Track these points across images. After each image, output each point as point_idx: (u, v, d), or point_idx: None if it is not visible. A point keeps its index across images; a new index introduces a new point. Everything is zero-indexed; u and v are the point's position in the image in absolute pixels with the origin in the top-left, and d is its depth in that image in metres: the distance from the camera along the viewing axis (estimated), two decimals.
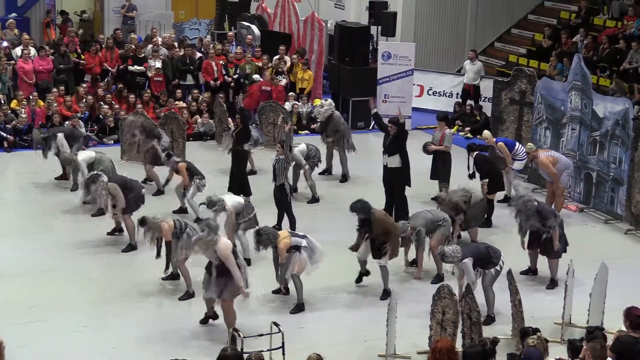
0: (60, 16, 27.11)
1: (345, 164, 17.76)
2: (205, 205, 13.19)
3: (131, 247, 13.61)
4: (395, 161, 15.00)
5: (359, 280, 12.81)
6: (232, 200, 13.21)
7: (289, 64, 22.50)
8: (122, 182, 13.75)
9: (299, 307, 11.91)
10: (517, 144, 16.34)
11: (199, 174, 15.04)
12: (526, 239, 12.92)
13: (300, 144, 16.41)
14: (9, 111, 19.68)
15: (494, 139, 16.39)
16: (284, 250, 11.68)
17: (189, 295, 12.11)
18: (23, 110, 19.62)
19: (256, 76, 21.70)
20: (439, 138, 16.08)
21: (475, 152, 15.49)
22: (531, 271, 13.10)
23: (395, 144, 15.02)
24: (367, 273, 12.72)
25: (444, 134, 16.00)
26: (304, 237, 11.95)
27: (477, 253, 11.58)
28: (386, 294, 12.27)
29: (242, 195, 13.98)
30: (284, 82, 22.09)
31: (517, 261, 12.52)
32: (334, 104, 18.29)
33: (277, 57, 22.46)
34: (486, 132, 16.70)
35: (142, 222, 12.13)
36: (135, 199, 13.75)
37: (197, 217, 14.24)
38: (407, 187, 15.05)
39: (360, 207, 12.35)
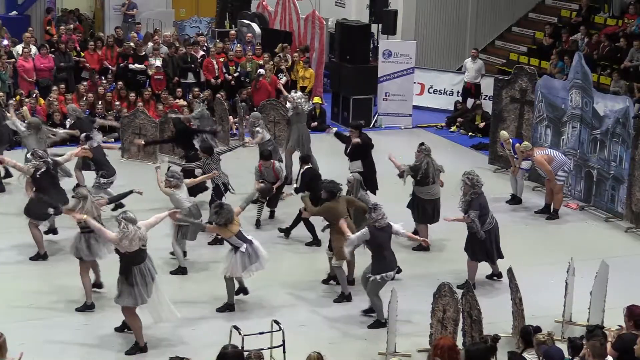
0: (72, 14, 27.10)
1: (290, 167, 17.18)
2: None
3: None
4: (355, 166, 14.99)
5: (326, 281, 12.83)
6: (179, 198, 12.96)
7: (290, 62, 22.51)
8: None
9: (227, 307, 11.82)
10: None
11: (105, 169, 14.91)
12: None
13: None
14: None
15: (511, 140, 16.38)
16: (225, 232, 11.62)
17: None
18: (25, 108, 19.60)
19: (262, 70, 21.71)
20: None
21: (306, 167, 14.54)
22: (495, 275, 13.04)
23: (357, 150, 14.93)
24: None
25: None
26: (249, 242, 11.67)
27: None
28: (342, 297, 12.20)
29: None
30: (284, 80, 22.09)
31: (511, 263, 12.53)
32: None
33: (279, 53, 22.45)
34: (504, 133, 16.67)
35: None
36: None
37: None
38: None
39: (328, 186, 12.38)
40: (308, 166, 14.63)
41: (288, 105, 17.65)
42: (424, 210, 14.05)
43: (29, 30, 23.11)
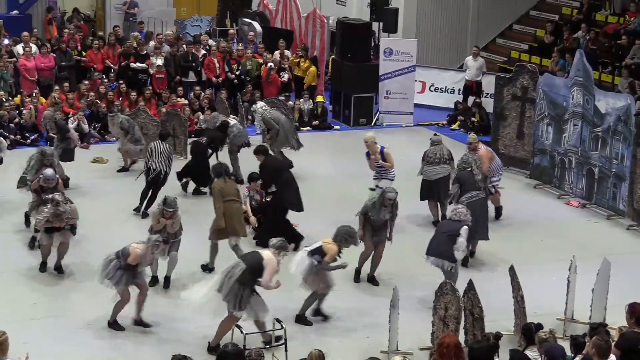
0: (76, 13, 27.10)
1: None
2: None
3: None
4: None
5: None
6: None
7: (290, 59, 22.49)
8: None
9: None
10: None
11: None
12: None
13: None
14: (15, 110, 19.68)
15: (378, 146, 15.06)
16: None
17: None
18: (31, 107, 19.62)
19: (271, 64, 21.70)
20: None
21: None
22: None
23: (263, 173, 14.60)
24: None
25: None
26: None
27: None
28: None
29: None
30: (286, 77, 22.11)
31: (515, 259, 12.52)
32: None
33: (277, 52, 22.47)
34: (370, 135, 15.30)
35: None
36: None
37: None
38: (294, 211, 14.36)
39: (215, 167, 13.40)
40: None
41: (257, 118, 17.76)
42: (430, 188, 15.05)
43: (34, 31, 23.13)
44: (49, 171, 13.35)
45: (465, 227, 11.94)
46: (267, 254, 10.72)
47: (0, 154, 15.30)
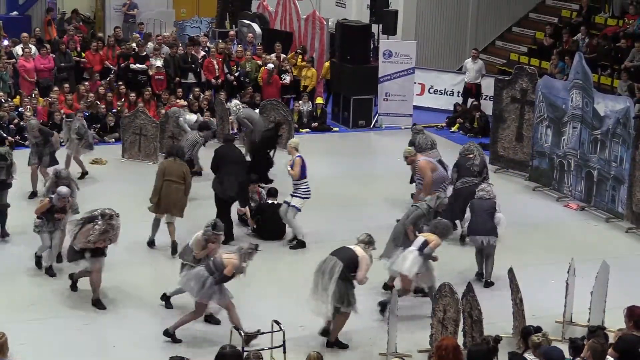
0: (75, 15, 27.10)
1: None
2: None
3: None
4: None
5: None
6: None
7: (277, 61, 22.42)
8: None
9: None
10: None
11: None
12: None
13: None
14: (14, 111, 19.67)
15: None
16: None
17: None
18: (29, 107, 19.61)
19: (271, 65, 21.71)
20: None
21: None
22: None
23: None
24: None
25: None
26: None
27: None
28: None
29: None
30: (288, 79, 22.11)
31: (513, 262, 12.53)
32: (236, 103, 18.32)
33: (273, 54, 22.47)
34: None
35: None
36: None
37: None
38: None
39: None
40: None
41: (232, 117, 17.92)
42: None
43: (35, 32, 23.13)
44: (63, 189, 12.73)
45: (497, 202, 13.01)
46: (358, 250, 10.94)
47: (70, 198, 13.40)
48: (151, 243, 13.87)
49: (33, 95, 20.20)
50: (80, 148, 17.15)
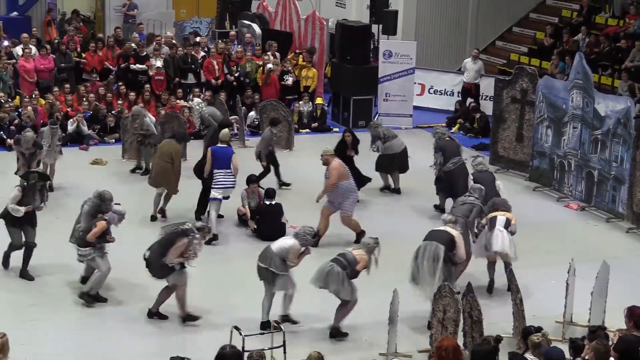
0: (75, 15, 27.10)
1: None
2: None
3: None
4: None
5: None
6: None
7: (278, 61, 22.39)
8: None
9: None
10: None
11: None
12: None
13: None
14: (14, 111, 19.66)
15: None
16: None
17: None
18: (30, 108, 19.61)
19: (270, 65, 21.70)
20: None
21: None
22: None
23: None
24: None
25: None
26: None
27: None
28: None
29: None
30: (290, 80, 22.09)
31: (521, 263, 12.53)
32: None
33: (268, 53, 22.45)
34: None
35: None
36: None
37: None
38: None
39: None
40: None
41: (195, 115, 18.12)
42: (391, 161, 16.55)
43: (33, 32, 23.12)
44: (119, 207, 12.33)
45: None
46: (451, 230, 11.61)
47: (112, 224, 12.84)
48: (153, 218, 15.02)
49: (33, 96, 20.19)
50: (57, 154, 16.50)
